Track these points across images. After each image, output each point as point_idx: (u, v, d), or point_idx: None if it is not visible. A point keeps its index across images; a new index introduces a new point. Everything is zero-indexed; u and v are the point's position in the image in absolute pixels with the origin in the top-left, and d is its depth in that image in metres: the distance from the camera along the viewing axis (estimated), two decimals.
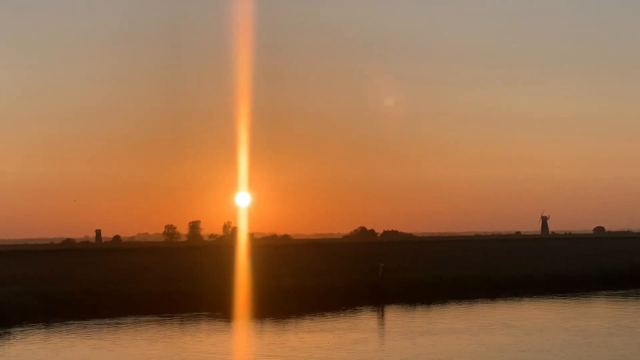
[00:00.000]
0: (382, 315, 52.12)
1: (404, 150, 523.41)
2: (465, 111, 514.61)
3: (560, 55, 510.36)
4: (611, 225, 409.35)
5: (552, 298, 62.01)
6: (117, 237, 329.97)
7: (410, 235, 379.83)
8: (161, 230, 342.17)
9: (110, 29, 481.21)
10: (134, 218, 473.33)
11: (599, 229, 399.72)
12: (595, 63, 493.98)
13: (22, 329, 45.86)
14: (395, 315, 51.43)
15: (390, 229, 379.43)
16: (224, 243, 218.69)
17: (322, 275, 69.53)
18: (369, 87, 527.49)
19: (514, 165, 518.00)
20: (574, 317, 48.51)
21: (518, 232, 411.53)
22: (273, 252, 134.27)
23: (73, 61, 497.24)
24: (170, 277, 69.71)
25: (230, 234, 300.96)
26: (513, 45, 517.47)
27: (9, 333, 44.21)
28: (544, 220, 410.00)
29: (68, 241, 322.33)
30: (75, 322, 48.74)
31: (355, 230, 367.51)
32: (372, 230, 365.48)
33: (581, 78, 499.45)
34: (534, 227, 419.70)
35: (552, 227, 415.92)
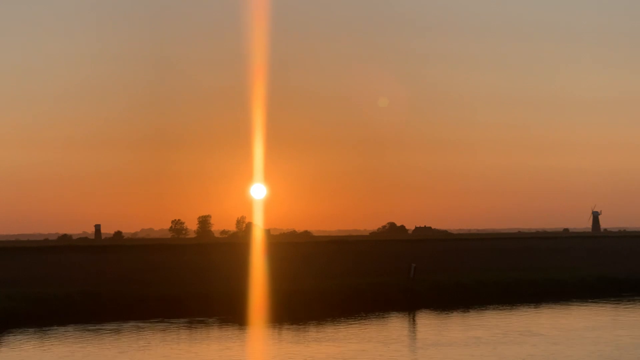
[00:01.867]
0: (414, 322, 52.08)
1: (439, 137, 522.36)
2: (509, 95, 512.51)
3: (617, 37, 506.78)
4: None
5: (604, 303, 61.71)
6: (118, 233, 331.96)
7: (445, 232, 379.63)
8: (167, 225, 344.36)
9: (115, 7, 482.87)
10: (137, 212, 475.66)
11: None
12: None
13: (15, 335, 46.21)
14: (427, 323, 51.36)
15: (423, 225, 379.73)
16: (237, 240, 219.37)
17: (347, 277, 69.55)
18: (399, 65, 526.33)
19: (562, 154, 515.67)
20: (629, 324, 48.26)
21: (566, 229, 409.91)
22: (292, 250, 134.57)
23: (72, 41, 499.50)
24: (177, 278, 69.99)
25: (244, 230, 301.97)
26: (575, 25, 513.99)
27: (0, 339, 44.59)
28: (596, 216, 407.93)
29: (64, 237, 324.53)
30: (73, 327, 49.04)
31: (384, 227, 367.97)
32: (402, 227, 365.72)
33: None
34: (584, 224, 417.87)
35: (604, 223, 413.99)
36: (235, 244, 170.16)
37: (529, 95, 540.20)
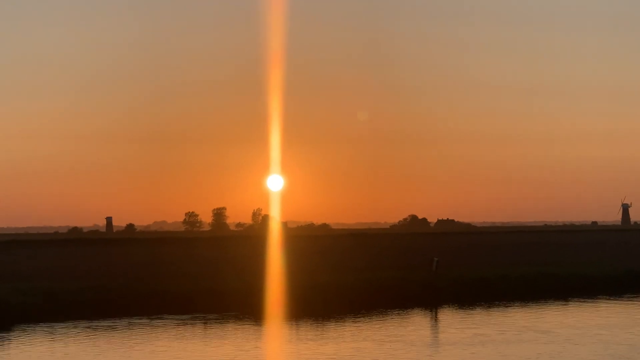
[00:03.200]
0: (436, 318, 52.03)
1: (462, 128, 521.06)
2: (536, 84, 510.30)
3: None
4: None
5: (635, 300, 61.46)
6: (130, 226, 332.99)
7: (469, 225, 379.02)
8: (181, 218, 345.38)
9: None
10: (149, 204, 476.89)
11: None
12: None
13: (24, 330, 46.46)
14: (450, 319, 51.29)
15: (446, 218, 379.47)
16: (253, 233, 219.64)
17: (366, 271, 69.55)
18: (426, 54, 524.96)
19: (591, 144, 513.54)
20: None
21: (594, 222, 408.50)
22: (310, 243, 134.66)
23: (83, 32, 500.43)
24: (191, 272, 70.17)
25: (260, 222, 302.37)
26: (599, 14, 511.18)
27: (9, 335, 44.82)
28: (625, 208, 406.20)
29: (75, 230, 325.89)
30: (83, 322, 49.26)
31: (405, 219, 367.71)
32: (424, 219, 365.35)
33: None
34: (614, 217, 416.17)
35: (635, 216, 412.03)
36: (251, 237, 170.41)
37: (556, 84, 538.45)
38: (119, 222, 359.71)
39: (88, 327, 47.42)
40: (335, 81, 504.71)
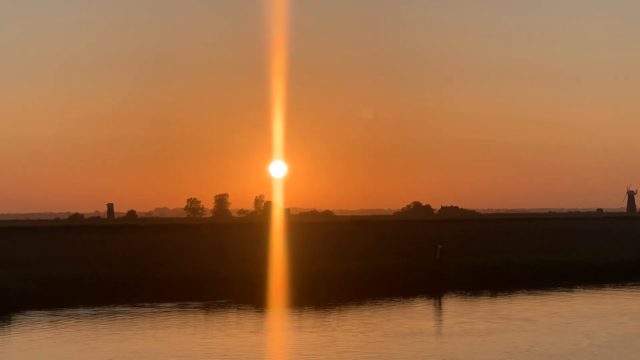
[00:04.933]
0: (439, 306, 52.01)
1: (465, 112, 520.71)
2: (541, 69, 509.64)
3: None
4: None
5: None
6: (131, 213, 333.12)
7: (473, 212, 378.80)
8: (183, 204, 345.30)
9: None
10: (151, 190, 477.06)
11: None
12: None
13: (24, 317, 46.49)
14: (454, 306, 51.28)
15: (450, 205, 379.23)
16: (256, 220, 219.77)
17: (370, 258, 69.55)
18: (430, 38, 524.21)
19: (595, 130, 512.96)
20: None
21: (600, 210, 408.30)
22: (312, 230, 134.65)
23: (82, 11, 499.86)
24: (192, 259, 70.20)
25: (262, 209, 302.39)
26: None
27: (9, 322, 44.84)
28: (631, 195, 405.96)
29: (76, 217, 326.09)
30: (84, 309, 49.30)
31: (408, 206, 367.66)
32: (427, 206, 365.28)
33: None
34: (619, 204, 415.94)
35: None
36: (253, 224, 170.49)
37: (561, 70, 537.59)
38: (121, 209, 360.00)
39: (89, 314, 47.43)
40: (339, 67, 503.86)
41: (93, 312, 48.21)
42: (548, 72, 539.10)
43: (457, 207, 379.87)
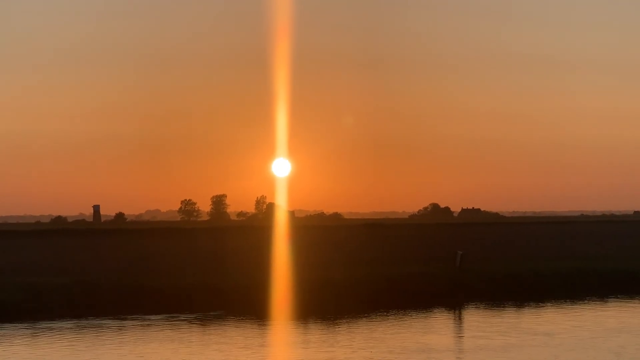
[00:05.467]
0: (458, 319, 52.03)
1: (489, 106, 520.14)
2: (577, 59, 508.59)
3: None
4: None
5: None
6: (120, 215, 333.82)
7: (497, 214, 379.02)
8: (176, 206, 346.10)
9: None
10: (141, 191, 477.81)
11: None
12: None
13: (4, 329, 46.60)
14: (473, 319, 51.30)
15: (471, 207, 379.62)
16: (257, 223, 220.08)
17: (383, 266, 69.60)
18: (446, 24, 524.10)
19: (632, 125, 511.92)
20: None
21: (637, 212, 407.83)
22: (319, 235, 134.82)
23: None
24: (187, 267, 70.33)
25: (264, 211, 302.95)
26: None
27: None
28: None
29: (59, 220, 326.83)
30: (69, 321, 49.39)
31: (426, 208, 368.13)
32: (447, 208, 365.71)
33: None
34: None
35: None
36: (254, 228, 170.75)
37: (599, 61, 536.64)
38: (108, 211, 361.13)
39: (74, 327, 47.53)
40: (347, 57, 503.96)
41: (77, 325, 48.29)
42: (585, 63, 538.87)
43: (479, 210, 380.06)
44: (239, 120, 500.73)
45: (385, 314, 52.85)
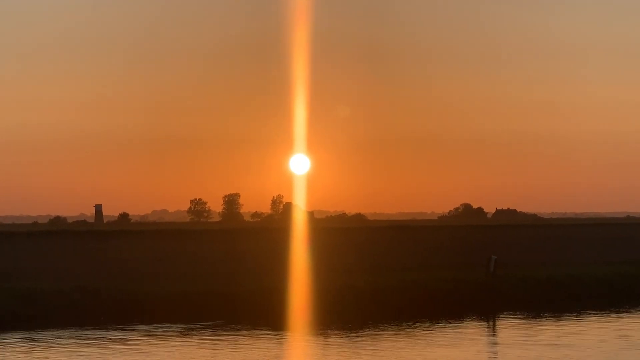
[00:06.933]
0: (493, 330, 51.99)
1: (527, 97, 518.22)
2: (624, 47, 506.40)
3: None
4: None
5: None
6: (124, 216, 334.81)
7: (534, 216, 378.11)
8: (185, 206, 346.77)
9: None
10: (147, 189, 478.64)
11: None
12: None
13: None
14: (511, 331, 51.24)
15: (506, 208, 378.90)
16: (273, 225, 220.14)
17: (410, 271, 69.56)
18: (484, 8, 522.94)
19: None
20: None
21: None
22: (341, 237, 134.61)
23: None
24: (197, 272, 70.41)
25: (281, 212, 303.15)
26: None
27: None
28: None
29: (57, 220, 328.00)
30: (69, 330, 49.55)
31: (457, 209, 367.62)
32: (480, 209, 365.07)
33: None
34: None
35: None
36: (270, 230, 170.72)
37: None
38: (111, 211, 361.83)
39: (74, 337, 47.69)
40: (372, 43, 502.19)
41: (78, 334, 48.45)
42: (632, 48, 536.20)
43: (515, 210, 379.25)
44: (254, 113, 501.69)
45: (412, 324, 52.85)
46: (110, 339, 47.34)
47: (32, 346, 44.70)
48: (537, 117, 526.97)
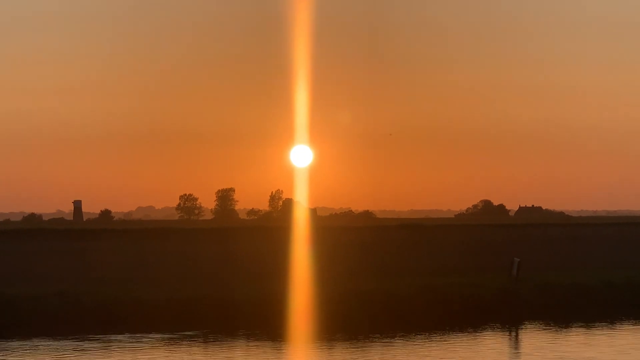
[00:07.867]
0: (516, 341, 52.06)
1: (551, 83, 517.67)
2: None
3: None
4: None
5: None
6: (106, 213, 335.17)
7: (561, 214, 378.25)
8: (174, 203, 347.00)
9: None
10: (131, 184, 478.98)
11: None
12: None
13: None
14: (535, 341, 51.32)
15: (530, 205, 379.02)
16: (271, 223, 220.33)
17: (423, 275, 69.65)
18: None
19: None
20: None
21: None
22: (347, 237, 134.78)
23: None
24: (187, 275, 70.54)
25: (280, 209, 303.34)
26: None
27: None
28: None
29: (32, 218, 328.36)
30: (46, 340, 49.65)
31: (476, 206, 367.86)
32: (501, 206, 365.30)
33: None
34: None
35: None
36: (268, 229, 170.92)
37: None
38: (91, 208, 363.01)
39: (52, 346, 47.79)
40: (379, 26, 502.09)
41: (58, 344, 48.57)
42: None
43: (540, 208, 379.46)
44: (250, 101, 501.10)
45: (425, 334, 52.92)
46: (91, 349, 47.43)
47: (4, 358, 44.79)
48: (565, 108, 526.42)
